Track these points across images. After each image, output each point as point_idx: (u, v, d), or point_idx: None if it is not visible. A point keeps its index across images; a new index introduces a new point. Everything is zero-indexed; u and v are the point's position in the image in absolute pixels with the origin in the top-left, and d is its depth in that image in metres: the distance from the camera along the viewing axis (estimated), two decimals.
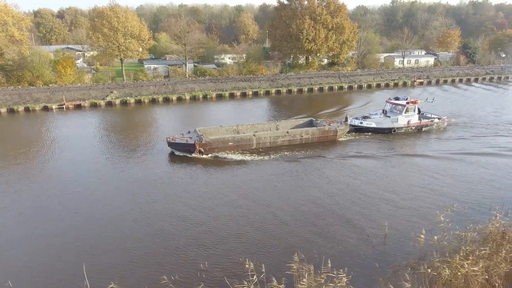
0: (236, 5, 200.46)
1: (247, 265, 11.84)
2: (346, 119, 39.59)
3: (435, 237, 14.22)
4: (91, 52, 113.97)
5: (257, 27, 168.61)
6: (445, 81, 79.92)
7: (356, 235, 19.35)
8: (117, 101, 58.53)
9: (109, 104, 58.15)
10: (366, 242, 18.59)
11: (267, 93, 67.49)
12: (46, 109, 54.91)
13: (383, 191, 25.08)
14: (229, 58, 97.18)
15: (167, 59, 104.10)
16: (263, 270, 12.12)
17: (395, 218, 21.05)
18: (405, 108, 40.32)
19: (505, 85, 77.89)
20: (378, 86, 74.87)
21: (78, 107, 56.51)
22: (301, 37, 79.65)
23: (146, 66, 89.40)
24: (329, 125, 38.35)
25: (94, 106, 57.43)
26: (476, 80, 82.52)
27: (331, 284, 11.43)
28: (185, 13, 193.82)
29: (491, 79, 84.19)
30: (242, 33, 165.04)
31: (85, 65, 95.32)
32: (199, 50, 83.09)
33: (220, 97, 64.26)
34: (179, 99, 61.93)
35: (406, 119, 40.62)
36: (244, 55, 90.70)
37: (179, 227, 20.42)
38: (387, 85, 75.40)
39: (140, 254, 17.93)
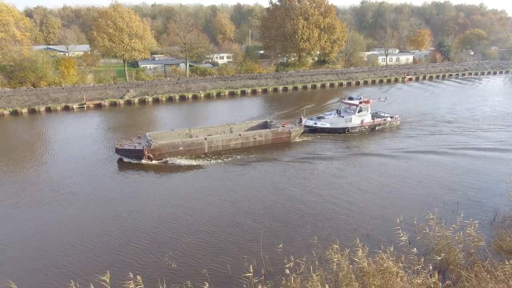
0: (211, 5, 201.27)
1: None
2: (301, 120, 39.51)
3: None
4: (76, 53, 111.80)
5: (234, 27, 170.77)
6: (431, 77, 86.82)
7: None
8: (136, 100, 59.32)
9: (128, 103, 58.86)
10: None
11: (275, 90, 70.65)
12: (67, 109, 54.84)
13: (328, 194, 25.12)
14: (227, 57, 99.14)
15: (156, 59, 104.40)
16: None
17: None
18: (358, 107, 40.76)
19: (480, 80, 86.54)
20: (373, 82, 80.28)
21: (98, 106, 56.82)
22: (296, 36, 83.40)
23: (141, 66, 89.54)
24: (283, 126, 37.97)
25: (113, 105, 57.93)
26: (457, 76, 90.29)
27: None
28: (160, 13, 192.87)
29: (469, 74, 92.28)
30: (219, 32, 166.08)
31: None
32: (198, 49, 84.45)
33: (232, 94, 66.62)
34: (195, 97, 63.65)
35: (359, 119, 41.01)
36: (241, 54, 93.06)
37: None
38: (381, 81, 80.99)
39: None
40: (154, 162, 31.55)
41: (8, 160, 32.97)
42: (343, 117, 41.02)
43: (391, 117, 43.37)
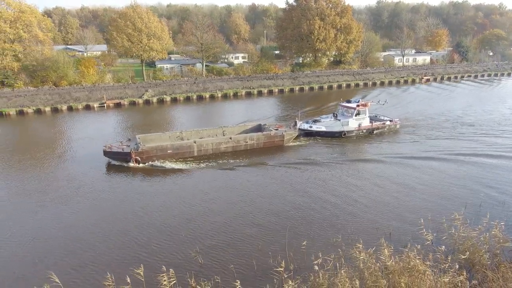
0: (226, 5, 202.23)
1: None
2: (295, 123, 38.57)
3: None
4: (94, 52, 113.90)
5: (248, 27, 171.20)
6: (449, 78, 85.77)
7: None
8: (154, 99, 60.25)
9: (147, 102, 59.83)
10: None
11: (291, 90, 70.84)
12: (88, 108, 56.08)
13: (313, 202, 24.24)
14: (242, 58, 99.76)
15: (172, 59, 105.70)
16: None
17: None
18: (356, 111, 39.52)
19: (499, 81, 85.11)
20: (390, 83, 79.76)
21: (118, 105, 57.92)
22: (312, 37, 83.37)
23: (158, 66, 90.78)
24: (276, 129, 36.88)
25: (133, 104, 58.95)
26: (476, 77, 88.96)
27: None
28: (175, 13, 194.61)
29: (488, 75, 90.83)
30: (233, 32, 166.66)
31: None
32: (215, 50, 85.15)
33: (249, 94, 67.08)
34: (212, 97, 64.31)
35: (356, 122, 39.79)
36: (257, 54, 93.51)
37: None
38: (398, 82, 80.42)
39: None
40: (141, 165, 31.05)
41: (33, 157, 34.01)
42: (339, 120, 39.85)
43: (390, 121, 41.85)
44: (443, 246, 15.92)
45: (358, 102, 40.69)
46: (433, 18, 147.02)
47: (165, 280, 12.91)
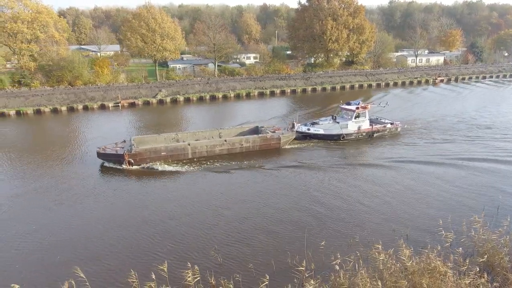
0: (237, 5, 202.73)
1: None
2: (293, 126, 37.89)
3: None
4: (107, 52, 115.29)
5: (259, 27, 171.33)
6: (463, 79, 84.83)
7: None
8: (168, 99, 60.84)
9: (161, 102, 60.47)
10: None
11: (304, 91, 70.88)
12: (103, 107, 56.92)
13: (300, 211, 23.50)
14: (254, 58, 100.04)
15: (184, 59, 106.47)
16: None
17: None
18: (355, 113, 38.65)
19: None
20: (403, 84, 79.27)
21: (132, 105, 58.64)
22: (324, 37, 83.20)
23: (171, 66, 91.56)
24: (273, 132, 36.37)
25: (146, 104, 59.64)
26: (491, 78, 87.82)
27: None
28: (187, 14, 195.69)
29: (504, 76, 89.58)
30: (245, 33, 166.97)
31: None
32: (227, 50, 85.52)
33: (261, 95, 67.32)
34: (225, 97, 64.67)
35: (356, 125, 38.92)
36: (269, 54, 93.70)
37: None
38: (411, 83, 79.89)
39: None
40: (134, 167, 30.93)
41: (50, 155, 34.71)
42: (338, 123, 38.91)
43: (391, 124, 40.84)
44: (460, 248, 15.93)
45: (358, 104, 39.79)
46: (446, 18, 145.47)
47: (189, 277, 13.14)
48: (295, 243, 19.44)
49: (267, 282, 13.33)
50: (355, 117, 38.75)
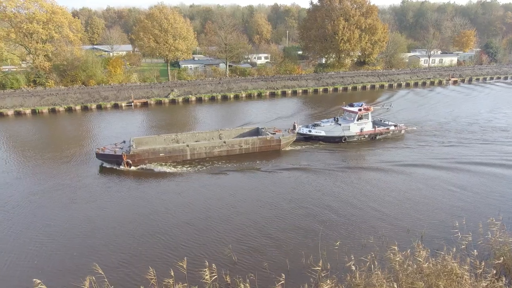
0: (248, 6, 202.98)
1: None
2: (294, 127, 37.45)
3: None
4: (120, 52, 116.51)
5: (270, 27, 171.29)
6: (477, 80, 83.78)
7: None
8: (180, 99, 61.30)
9: (173, 101, 60.96)
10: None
11: (315, 91, 70.76)
12: (116, 106, 57.61)
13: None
14: (265, 58, 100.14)
15: (196, 59, 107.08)
16: None
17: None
18: (358, 115, 38.05)
19: None
20: (416, 84, 78.58)
21: (145, 104, 59.21)
22: (336, 37, 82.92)
23: (183, 66, 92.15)
24: (274, 133, 35.92)
25: (159, 103, 60.18)
26: (506, 78, 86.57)
27: None
28: (198, 14, 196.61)
29: None
30: (256, 33, 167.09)
31: None
32: (238, 50, 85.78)
33: (273, 95, 67.41)
34: (236, 97, 64.91)
35: (358, 127, 38.27)
36: (280, 54, 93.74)
37: None
38: (424, 84, 79.11)
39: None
40: (132, 168, 30.93)
41: (64, 154, 35.28)
42: (340, 124, 38.31)
43: (394, 126, 40.02)
44: (475, 250, 15.82)
45: (360, 106, 39.16)
46: (460, 18, 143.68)
47: (207, 275, 13.32)
48: (308, 244, 19.50)
49: (283, 282, 13.41)
50: (358, 119, 38.24)
